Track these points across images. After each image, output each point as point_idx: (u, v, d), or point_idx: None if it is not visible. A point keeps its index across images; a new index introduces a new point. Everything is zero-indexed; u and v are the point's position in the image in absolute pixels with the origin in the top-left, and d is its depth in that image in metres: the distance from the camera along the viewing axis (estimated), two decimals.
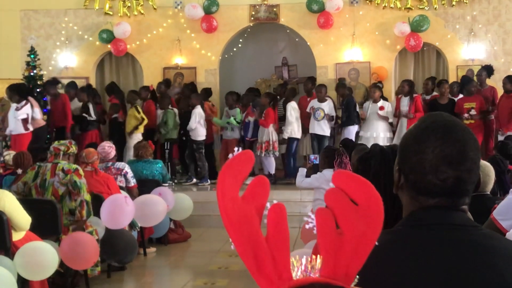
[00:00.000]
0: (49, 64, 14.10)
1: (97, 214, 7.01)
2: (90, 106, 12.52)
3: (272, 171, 12.14)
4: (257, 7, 13.71)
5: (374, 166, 2.70)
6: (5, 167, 8.28)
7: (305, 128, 12.40)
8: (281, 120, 12.40)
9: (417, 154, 1.64)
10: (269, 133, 11.94)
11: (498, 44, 13.29)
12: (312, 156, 8.15)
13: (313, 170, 7.57)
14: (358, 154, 4.82)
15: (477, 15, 13.29)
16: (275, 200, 1.52)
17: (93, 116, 12.50)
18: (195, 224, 10.14)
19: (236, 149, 1.49)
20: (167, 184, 10.03)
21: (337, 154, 6.39)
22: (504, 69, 12.88)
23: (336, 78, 13.55)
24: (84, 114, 12.42)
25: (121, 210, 7.05)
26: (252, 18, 13.79)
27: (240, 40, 14.43)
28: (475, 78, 12.32)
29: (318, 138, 12.13)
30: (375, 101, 12.16)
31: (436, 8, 13.28)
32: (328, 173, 6.68)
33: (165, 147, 12.38)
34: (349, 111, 12.20)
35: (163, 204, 8.13)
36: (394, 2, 13.37)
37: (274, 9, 13.71)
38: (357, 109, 12.46)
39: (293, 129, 12.10)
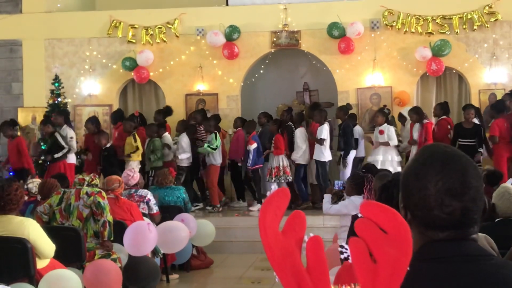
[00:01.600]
0: (73, 92, 14.27)
1: (120, 241, 7.05)
2: (58, 136, 11.99)
3: None
4: (278, 33, 13.79)
5: (396, 196, 2.70)
6: (29, 195, 8.36)
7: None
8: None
9: (420, 191, 1.63)
10: (279, 158, 11.97)
11: None
12: (339, 182, 8.06)
13: (336, 197, 7.51)
14: (380, 181, 4.82)
15: (499, 39, 13.24)
16: None
17: (65, 146, 11.94)
18: (217, 250, 10.13)
19: (272, 187, 1.60)
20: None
21: (367, 180, 6.37)
22: None
23: (358, 103, 13.56)
24: (58, 156, 11.91)
25: (144, 237, 7.08)
26: (273, 44, 13.86)
27: (262, 66, 14.51)
28: None
29: (317, 163, 12.15)
30: (379, 126, 12.12)
31: (457, 32, 13.25)
32: (356, 199, 6.63)
33: (149, 175, 12.10)
34: (346, 136, 12.13)
35: (186, 230, 8.14)
36: (415, 26, 13.37)
37: (295, 35, 13.77)
38: (357, 134, 12.48)
39: (298, 154, 12.16)
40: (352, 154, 12.25)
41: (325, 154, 12.03)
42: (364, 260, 1.48)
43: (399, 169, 11.04)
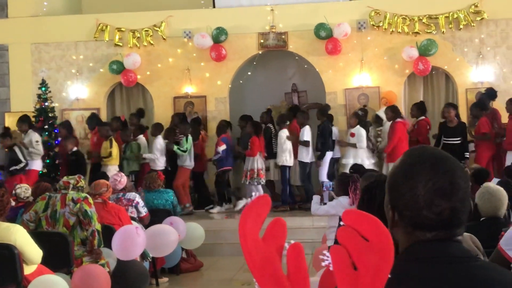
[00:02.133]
0: (60, 96, 14.23)
1: (108, 245, 7.02)
2: (17, 150, 11.83)
3: None
4: (266, 35, 13.80)
5: (379, 197, 2.69)
6: (17, 200, 8.32)
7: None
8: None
9: (409, 191, 1.64)
10: (254, 161, 11.94)
11: (507, 67, 13.25)
12: (329, 183, 8.07)
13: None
14: (366, 181, 4.82)
15: (485, 38, 13.29)
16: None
17: (23, 160, 11.77)
18: (207, 253, 10.13)
19: (253, 194, 1.60)
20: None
21: (352, 181, 6.38)
22: None
23: (346, 103, 13.58)
24: (13, 168, 11.73)
25: (132, 241, 7.06)
26: (261, 46, 13.87)
27: (250, 68, 14.50)
28: None
29: (300, 164, 12.25)
30: (352, 128, 12.14)
31: (443, 32, 13.30)
32: (344, 200, 6.63)
33: (131, 179, 11.88)
34: (323, 137, 12.16)
35: (175, 233, 8.12)
36: (401, 26, 13.41)
37: (283, 37, 13.78)
38: (334, 135, 12.46)
39: (283, 157, 12.17)
40: (329, 155, 12.26)
41: (308, 155, 12.08)
42: (345, 268, 1.48)
43: None
